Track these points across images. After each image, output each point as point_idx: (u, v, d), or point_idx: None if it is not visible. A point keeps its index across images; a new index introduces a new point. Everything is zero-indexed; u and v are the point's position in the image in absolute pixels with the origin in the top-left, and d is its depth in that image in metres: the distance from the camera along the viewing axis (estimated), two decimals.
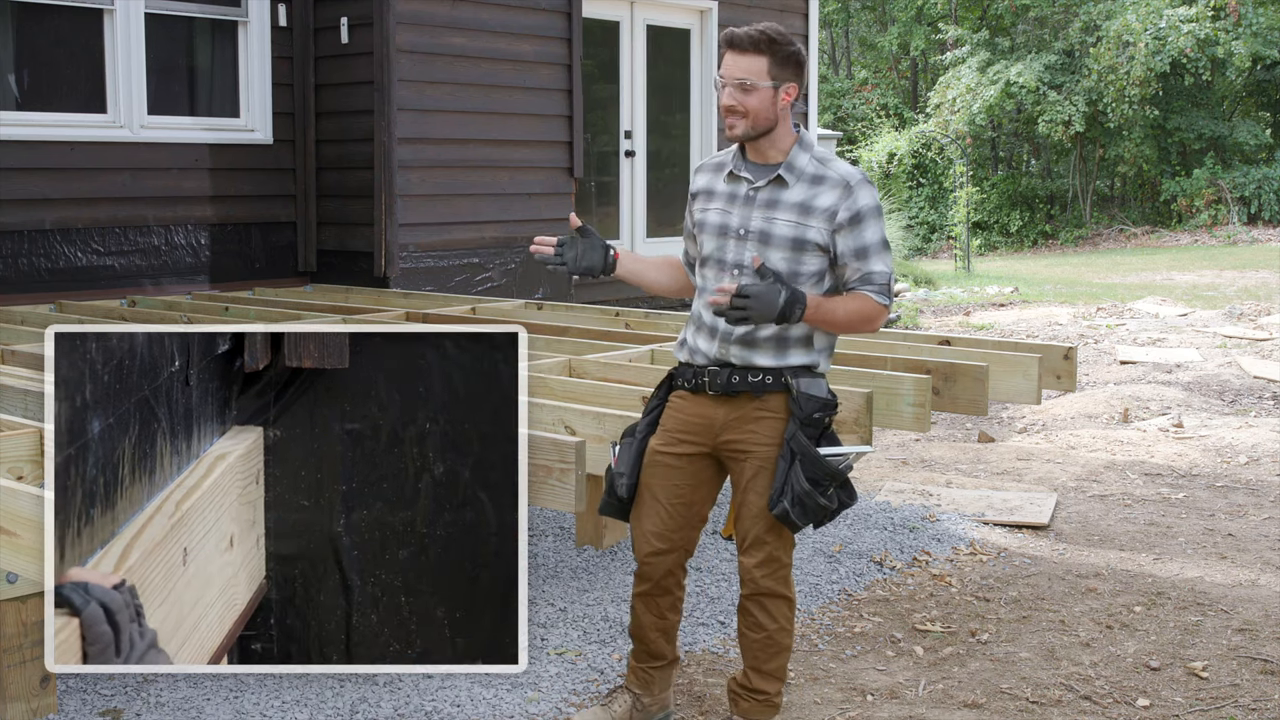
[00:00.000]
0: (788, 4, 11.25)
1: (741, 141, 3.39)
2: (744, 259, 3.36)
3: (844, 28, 35.84)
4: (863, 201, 3.32)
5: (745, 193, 3.40)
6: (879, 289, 3.34)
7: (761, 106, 3.31)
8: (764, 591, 3.44)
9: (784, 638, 3.49)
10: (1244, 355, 10.66)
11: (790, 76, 3.33)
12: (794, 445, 3.31)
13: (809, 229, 3.32)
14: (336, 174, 8.51)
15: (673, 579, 3.57)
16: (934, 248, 25.92)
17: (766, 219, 3.35)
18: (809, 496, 3.29)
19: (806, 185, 3.35)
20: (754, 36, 3.31)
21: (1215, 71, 26.02)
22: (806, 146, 3.41)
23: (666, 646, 3.64)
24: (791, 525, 3.34)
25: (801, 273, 3.34)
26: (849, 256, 3.33)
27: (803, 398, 3.33)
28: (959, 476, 6.80)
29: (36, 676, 3.63)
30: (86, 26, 7.75)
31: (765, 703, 3.55)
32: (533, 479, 3.55)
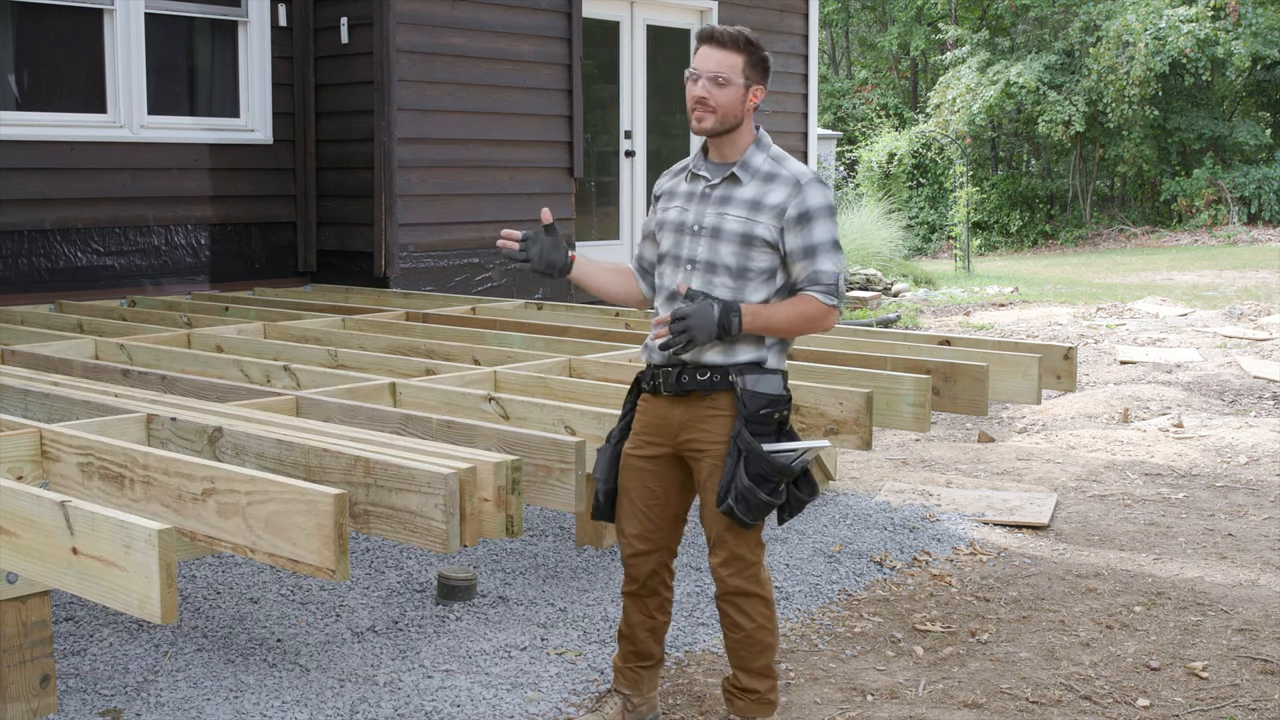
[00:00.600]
0: (788, 4, 11.26)
1: (707, 135, 3.46)
2: (696, 254, 3.42)
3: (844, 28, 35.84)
4: (812, 200, 3.37)
5: (702, 190, 3.47)
6: (826, 289, 3.37)
7: (732, 103, 3.38)
8: (733, 590, 3.48)
9: (764, 635, 3.51)
10: (1244, 355, 10.66)
11: (759, 79, 3.42)
12: (739, 443, 3.35)
13: (758, 225, 3.37)
14: (336, 174, 8.51)
15: (658, 579, 3.63)
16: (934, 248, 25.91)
17: (719, 215, 3.41)
18: (751, 493, 3.32)
19: (760, 183, 3.41)
20: (734, 34, 3.39)
21: (1215, 71, 26.01)
22: (764, 146, 3.48)
23: (655, 647, 3.69)
24: (740, 522, 3.38)
25: (751, 268, 3.39)
26: (798, 254, 3.38)
27: (747, 395, 3.36)
28: (959, 476, 6.80)
29: (36, 676, 3.63)
30: (86, 26, 7.75)
31: (759, 701, 3.57)
32: (533, 479, 3.56)
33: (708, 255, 3.41)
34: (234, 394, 4.52)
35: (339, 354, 5.46)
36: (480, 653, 4.26)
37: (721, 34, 3.39)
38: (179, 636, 4.34)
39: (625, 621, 3.69)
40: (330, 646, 4.30)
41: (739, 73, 3.38)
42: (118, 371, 4.97)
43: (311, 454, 3.39)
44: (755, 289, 3.40)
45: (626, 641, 3.70)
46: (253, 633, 4.41)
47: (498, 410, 4.33)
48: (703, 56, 3.40)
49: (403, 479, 3.20)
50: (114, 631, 4.35)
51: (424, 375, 5.05)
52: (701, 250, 3.42)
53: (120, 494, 3.40)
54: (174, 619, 2.84)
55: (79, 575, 2.99)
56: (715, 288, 3.39)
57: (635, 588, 3.63)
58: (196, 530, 3.24)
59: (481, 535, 3.30)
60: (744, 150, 3.46)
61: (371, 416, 4.07)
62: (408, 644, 4.33)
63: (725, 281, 3.39)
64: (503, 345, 5.85)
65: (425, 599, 4.75)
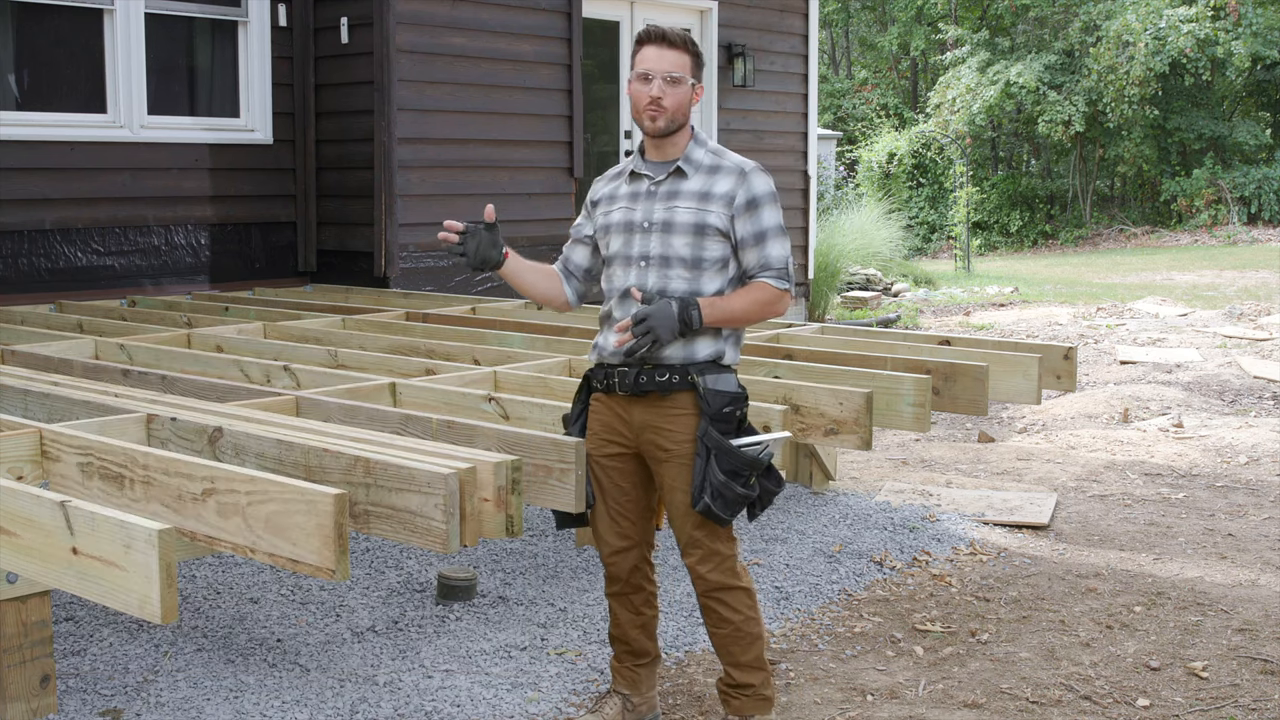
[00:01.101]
0: (788, 4, 11.25)
1: (659, 135, 3.50)
2: (649, 251, 3.46)
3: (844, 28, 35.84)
4: (758, 188, 3.45)
5: (647, 188, 3.52)
6: (777, 273, 3.45)
7: (682, 102, 3.47)
8: (715, 586, 3.51)
9: (751, 627, 3.54)
10: (1244, 355, 10.66)
11: (700, 78, 3.53)
12: (707, 441, 3.39)
13: (709, 214, 3.43)
14: (336, 174, 8.51)
15: (640, 574, 3.66)
16: (934, 248, 25.91)
17: (668, 209, 3.47)
18: (726, 488, 3.36)
19: (705, 175, 3.48)
20: (682, 35, 3.48)
21: (1215, 71, 26.00)
22: (701, 142, 3.56)
23: (648, 643, 3.71)
24: (716, 519, 3.41)
25: (705, 258, 3.44)
26: (749, 241, 3.45)
27: (710, 394, 3.40)
28: (959, 476, 6.80)
29: (36, 676, 3.63)
30: (86, 26, 7.75)
31: (754, 696, 3.57)
32: (533, 479, 3.56)
33: (661, 250, 3.46)
34: (234, 394, 4.52)
35: (339, 354, 5.46)
36: (480, 653, 4.26)
37: (671, 34, 3.47)
38: (179, 636, 4.34)
39: (614, 623, 3.71)
40: (330, 646, 4.30)
41: (689, 72, 3.47)
42: (118, 371, 4.97)
43: (311, 454, 3.39)
44: (710, 279, 3.45)
45: (619, 643, 3.71)
46: (253, 633, 4.41)
47: (498, 410, 4.33)
48: (654, 57, 3.45)
49: (403, 479, 3.20)
50: (114, 631, 4.35)
51: (424, 375, 5.05)
52: (654, 246, 3.46)
53: (120, 494, 3.40)
54: (174, 619, 2.84)
55: (79, 575, 2.99)
56: (671, 280, 3.44)
57: (619, 587, 3.66)
58: (196, 530, 3.24)
59: (481, 535, 3.30)
60: (685, 147, 3.54)
61: (371, 416, 4.07)
62: (408, 644, 4.33)
63: (680, 274, 3.44)
64: (503, 345, 5.85)
65: (425, 599, 4.75)
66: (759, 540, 5.50)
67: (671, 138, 3.50)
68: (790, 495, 6.25)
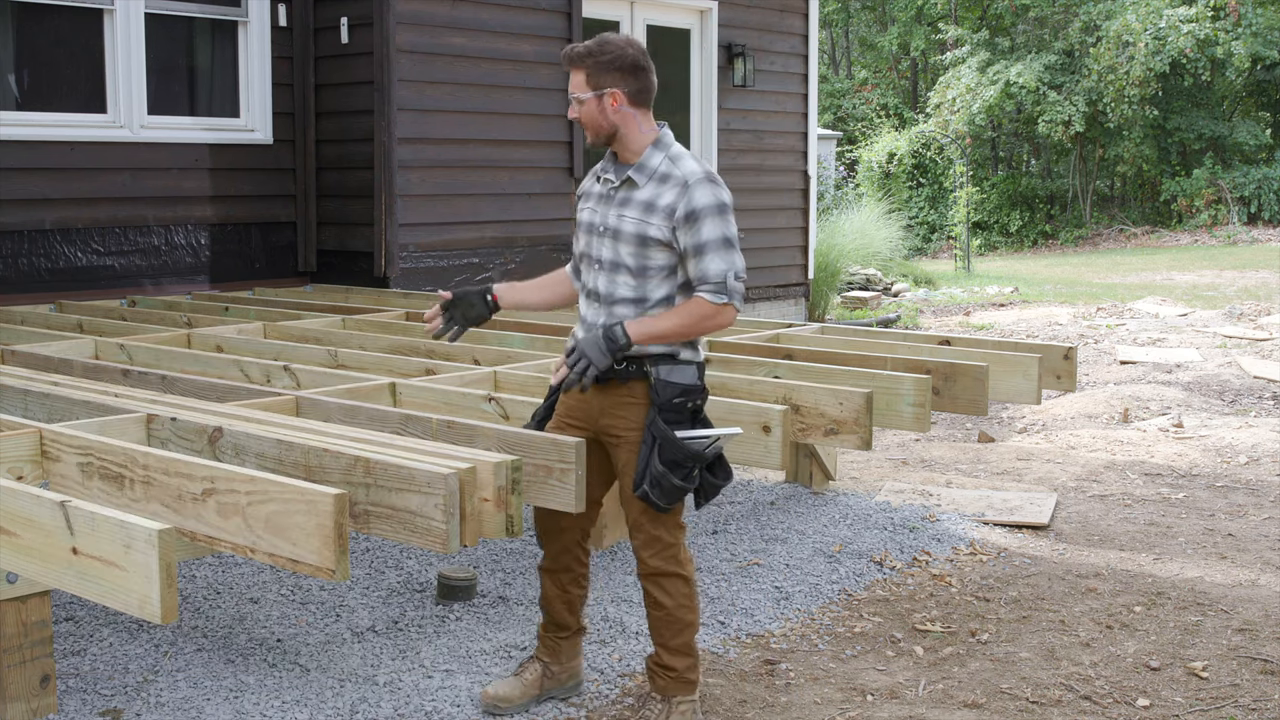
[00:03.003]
0: (788, 4, 11.25)
1: (597, 148, 3.61)
2: (603, 255, 3.55)
3: (844, 28, 35.83)
4: (698, 200, 3.44)
5: (607, 192, 3.59)
6: (714, 288, 3.46)
7: (592, 115, 3.53)
8: (653, 571, 3.60)
9: (685, 614, 3.63)
10: (1244, 355, 10.66)
11: (612, 82, 3.50)
12: (654, 430, 3.48)
13: (650, 226, 3.47)
14: (336, 174, 8.51)
15: (570, 556, 3.81)
16: (934, 248, 25.91)
17: (618, 217, 3.54)
18: (664, 478, 3.44)
19: (655, 184, 3.51)
20: (574, 52, 3.53)
21: (1215, 71, 26.01)
22: (662, 146, 3.55)
23: (570, 618, 3.87)
24: (654, 506, 3.49)
25: (650, 267, 3.51)
26: (690, 253, 3.48)
27: (661, 385, 3.49)
28: (959, 476, 6.80)
29: (36, 676, 3.63)
30: (86, 26, 7.75)
31: (678, 679, 3.68)
32: (532, 479, 3.56)
33: (611, 256, 3.54)
34: (234, 394, 4.52)
35: (339, 354, 5.46)
36: (480, 653, 4.26)
37: (567, 54, 3.54)
38: (179, 636, 4.34)
39: (543, 595, 3.89)
40: (330, 646, 4.30)
41: (584, 87, 3.51)
42: (118, 371, 4.97)
43: (311, 454, 3.39)
44: (656, 286, 3.51)
45: (545, 613, 3.89)
46: (253, 633, 4.41)
47: (498, 410, 4.33)
48: (570, 81, 3.57)
49: (403, 479, 3.20)
50: (114, 631, 4.35)
51: (424, 375, 5.05)
52: (606, 251, 3.56)
53: (120, 494, 3.40)
54: (174, 619, 2.84)
55: (79, 575, 2.99)
56: (618, 287, 3.53)
57: (549, 564, 3.83)
58: (196, 530, 3.24)
59: (481, 535, 3.30)
60: (641, 152, 3.55)
61: (371, 416, 4.07)
62: (408, 644, 4.33)
63: (627, 280, 3.52)
64: (503, 345, 5.85)
65: (425, 599, 4.75)
66: (759, 540, 5.51)
67: (620, 143, 3.56)
68: (790, 495, 6.25)
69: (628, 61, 3.49)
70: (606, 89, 3.49)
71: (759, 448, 4.33)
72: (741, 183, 10.89)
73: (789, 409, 4.39)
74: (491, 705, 3.80)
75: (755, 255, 11.09)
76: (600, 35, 3.55)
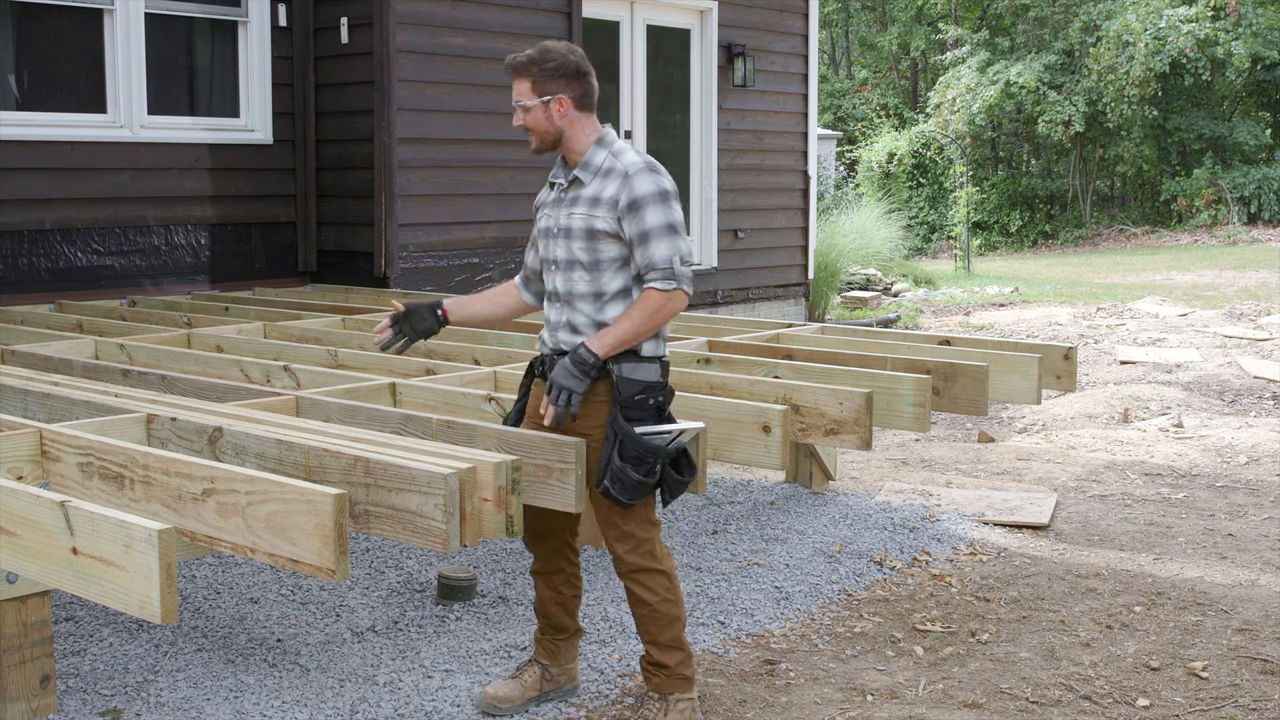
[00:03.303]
0: (788, 4, 11.25)
1: (541, 153, 3.69)
2: (558, 255, 3.63)
3: (844, 28, 35.84)
4: (639, 189, 3.52)
5: (558, 195, 3.69)
6: (662, 274, 3.52)
7: (539, 121, 3.59)
8: (632, 568, 3.62)
9: (669, 608, 3.65)
10: (1244, 355, 10.66)
11: (558, 89, 3.58)
12: (615, 427, 3.51)
13: (597, 219, 3.55)
14: (336, 174, 8.51)
15: (561, 557, 3.84)
16: (934, 248, 25.91)
17: (568, 215, 3.62)
18: (623, 474, 3.48)
19: (600, 180, 3.59)
20: (517, 62, 3.59)
21: (1215, 71, 26.00)
22: (605, 144, 3.64)
23: (567, 619, 3.89)
24: (616, 502, 3.51)
25: (602, 260, 3.57)
26: (635, 242, 3.54)
27: (622, 382, 3.53)
28: (959, 476, 6.80)
29: (36, 676, 3.63)
30: (86, 26, 7.75)
31: (672, 676, 3.68)
32: (533, 479, 3.56)
33: (565, 254, 3.62)
34: (234, 394, 4.52)
35: (339, 354, 5.46)
36: (480, 653, 4.26)
37: (509, 64, 3.61)
38: (179, 636, 4.34)
39: (538, 598, 3.90)
40: (330, 646, 4.30)
41: (530, 94, 3.58)
42: (118, 371, 4.97)
43: (311, 454, 3.39)
44: (611, 278, 3.58)
45: (541, 616, 3.90)
46: (253, 633, 4.41)
47: (498, 410, 4.33)
48: (513, 90, 3.63)
49: (403, 479, 3.20)
50: (114, 631, 4.35)
51: (424, 375, 5.05)
52: (560, 250, 3.63)
53: (120, 494, 3.40)
54: (174, 619, 2.84)
55: (79, 575, 2.99)
56: (575, 283, 3.60)
57: (540, 566, 3.86)
58: (196, 530, 3.24)
59: (481, 535, 3.30)
60: (585, 152, 3.63)
61: (371, 416, 4.07)
62: (408, 644, 4.33)
63: (583, 276, 3.59)
64: (503, 345, 5.85)
65: (425, 599, 4.75)
66: (759, 540, 5.51)
67: (566, 147, 3.63)
68: (790, 495, 6.25)
69: (571, 68, 3.59)
70: (553, 95, 3.57)
71: (759, 448, 4.33)
72: (741, 183, 10.89)
73: (789, 409, 4.39)
74: (490, 706, 3.80)
75: (755, 255, 11.10)
76: (541, 44, 3.63)
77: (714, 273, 10.64)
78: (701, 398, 4.50)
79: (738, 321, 6.69)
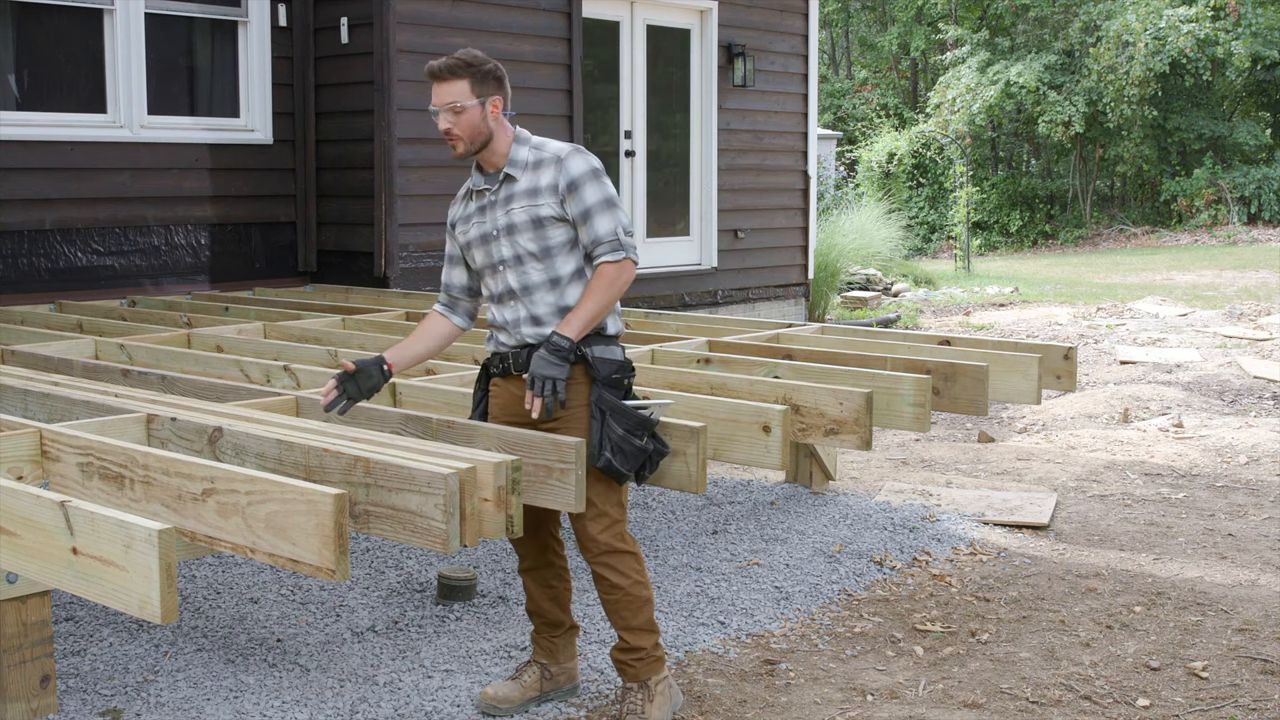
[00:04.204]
0: (788, 4, 11.25)
1: (466, 159, 3.69)
2: (503, 255, 3.66)
3: (844, 28, 35.84)
4: (574, 169, 3.61)
5: (488, 200, 3.72)
6: (609, 246, 3.61)
7: (473, 123, 3.62)
8: (604, 549, 3.64)
9: (640, 590, 3.68)
10: (1244, 355, 10.66)
11: (492, 91, 3.64)
12: (601, 404, 3.58)
13: (540, 207, 3.62)
14: (336, 174, 8.51)
15: (549, 551, 3.86)
16: (934, 248, 25.92)
17: (507, 213, 3.66)
18: (625, 442, 3.56)
19: (531, 172, 3.66)
20: (451, 64, 3.62)
21: (1215, 71, 26.00)
22: (523, 141, 3.71)
23: (562, 614, 3.90)
24: (617, 474, 3.57)
25: (551, 246, 3.63)
26: (580, 220, 3.62)
27: (599, 362, 3.60)
28: (959, 476, 6.80)
29: (36, 676, 3.63)
30: (86, 26, 7.75)
31: (647, 658, 3.71)
32: (532, 479, 3.56)
33: (512, 251, 3.65)
34: (234, 394, 4.52)
35: (339, 354, 5.46)
36: (480, 653, 4.26)
37: (439, 68, 3.62)
38: (179, 636, 4.35)
39: (529, 598, 3.90)
40: (330, 646, 4.30)
41: (468, 94, 3.60)
42: (118, 371, 4.97)
43: (311, 454, 3.39)
44: (564, 262, 3.64)
45: (536, 616, 3.90)
46: (253, 633, 4.41)
47: None
48: (435, 93, 3.63)
49: (403, 479, 3.20)
50: (114, 631, 4.35)
51: (424, 375, 5.05)
52: (505, 249, 3.66)
53: (120, 494, 3.40)
54: (174, 619, 2.84)
55: (79, 575, 2.99)
56: (529, 275, 3.64)
57: (529, 564, 3.86)
58: (196, 530, 3.24)
59: (481, 535, 3.30)
60: (507, 153, 3.68)
61: (371, 416, 4.07)
62: (408, 644, 4.33)
63: (535, 266, 3.64)
64: None
65: (425, 599, 4.75)
66: (759, 540, 5.51)
67: (489, 151, 3.68)
68: (790, 495, 6.25)
69: (500, 72, 3.68)
70: (488, 96, 3.63)
71: (759, 448, 4.33)
72: (741, 183, 10.89)
73: (789, 409, 4.39)
74: (490, 707, 3.80)
75: (755, 255, 11.10)
76: (463, 50, 3.68)
77: (714, 273, 10.64)
78: (701, 398, 4.50)
79: (738, 321, 6.70)
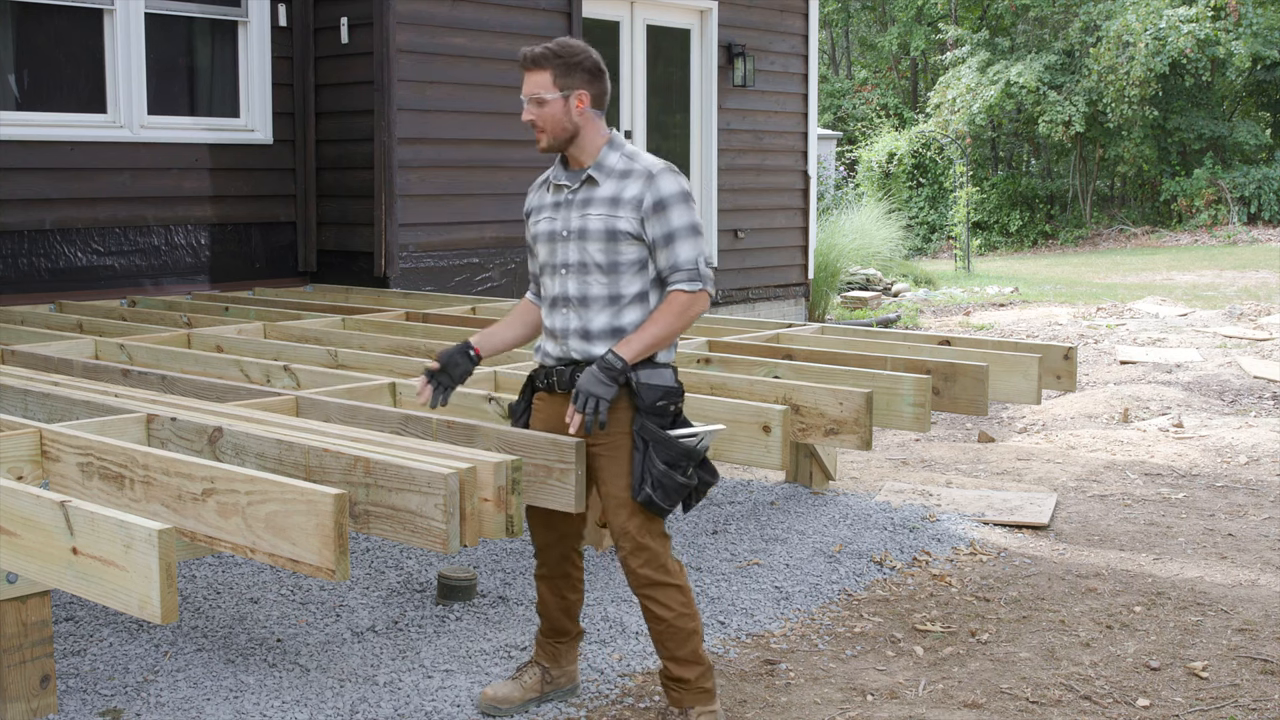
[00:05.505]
0: (788, 4, 11.25)
1: (549, 152, 3.58)
2: (569, 258, 3.54)
3: (844, 28, 35.84)
4: (665, 189, 3.48)
5: (565, 197, 3.59)
6: (688, 275, 3.49)
7: (556, 116, 3.52)
8: (645, 582, 3.56)
9: (685, 623, 3.59)
10: (1244, 355, 10.66)
11: (579, 84, 3.52)
12: (643, 434, 3.46)
13: (619, 220, 3.48)
14: (336, 174, 8.51)
15: (568, 563, 3.81)
16: (934, 248, 25.91)
17: (582, 216, 3.53)
18: (667, 477, 3.43)
19: (616, 180, 3.52)
20: (537, 53, 3.52)
21: (1215, 71, 26.01)
22: (616, 146, 3.58)
23: (569, 623, 3.88)
24: (657, 510, 3.46)
25: (620, 263, 3.50)
26: (660, 243, 3.49)
27: (643, 388, 3.46)
28: (959, 476, 6.80)
29: (36, 676, 3.63)
30: (86, 26, 7.75)
31: (692, 689, 3.64)
32: (533, 479, 3.56)
33: (578, 257, 3.53)
34: (234, 394, 4.52)
35: (339, 354, 5.46)
36: (480, 653, 4.26)
37: (527, 56, 3.53)
38: (179, 636, 4.34)
39: (540, 601, 3.88)
40: (330, 646, 4.30)
41: (550, 87, 3.51)
42: (118, 371, 4.97)
43: (311, 454, 3.39)
44: (629, 282, 3.52)
45: (543, 620, 3.88)
46: (253, 633, 4.41)
47: (498, 410, 4.33)
48: (525, 83, 3.56)
49: (403, 479, 3.20)
50: (114, 631, 4.35)
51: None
52: (572, 253, 3.54)
53: (120, 494, 3.40)
54: (174, 619, 2.84)
55: (79, 575, 2.99)
56: (590, 286, 3.52)
57: (546, 571, 3.83)
58: (196, 530, 3.24)
59: (481, 535, 3.30)
60: (597, 153, 3.56)
61: (371, 416, 4.07)
62: (408, 644, 4.33)
63: (599, 279, 3.52)
64: None
65: (425, 599, 4.75)
66: (759, 540, 5.51)
67: (577, 146, 3.56)
68: (790, 495, 6.25)
69: (592, 63, 3.54)
70: (574, 90, 3.51)
71: (759, 448, 4.33)
72: (741, 183, 10.89)
73: (789, 409, 4.39)
74: (490, 707, 3.80)
75: (755, 255, 11.10)
76: (560, 39, 3.57)
77: (714, 273, 10.64)
78: (701, 398, 4.50)
79: (738, 321, 6.70)
